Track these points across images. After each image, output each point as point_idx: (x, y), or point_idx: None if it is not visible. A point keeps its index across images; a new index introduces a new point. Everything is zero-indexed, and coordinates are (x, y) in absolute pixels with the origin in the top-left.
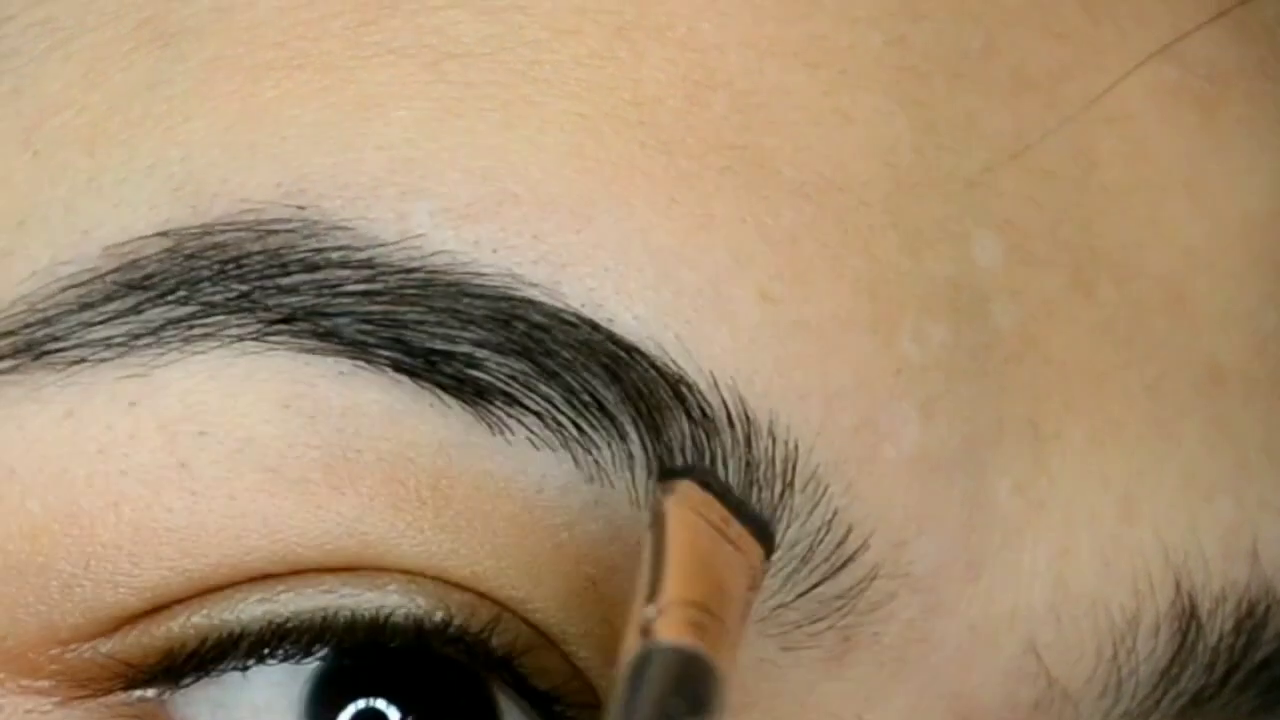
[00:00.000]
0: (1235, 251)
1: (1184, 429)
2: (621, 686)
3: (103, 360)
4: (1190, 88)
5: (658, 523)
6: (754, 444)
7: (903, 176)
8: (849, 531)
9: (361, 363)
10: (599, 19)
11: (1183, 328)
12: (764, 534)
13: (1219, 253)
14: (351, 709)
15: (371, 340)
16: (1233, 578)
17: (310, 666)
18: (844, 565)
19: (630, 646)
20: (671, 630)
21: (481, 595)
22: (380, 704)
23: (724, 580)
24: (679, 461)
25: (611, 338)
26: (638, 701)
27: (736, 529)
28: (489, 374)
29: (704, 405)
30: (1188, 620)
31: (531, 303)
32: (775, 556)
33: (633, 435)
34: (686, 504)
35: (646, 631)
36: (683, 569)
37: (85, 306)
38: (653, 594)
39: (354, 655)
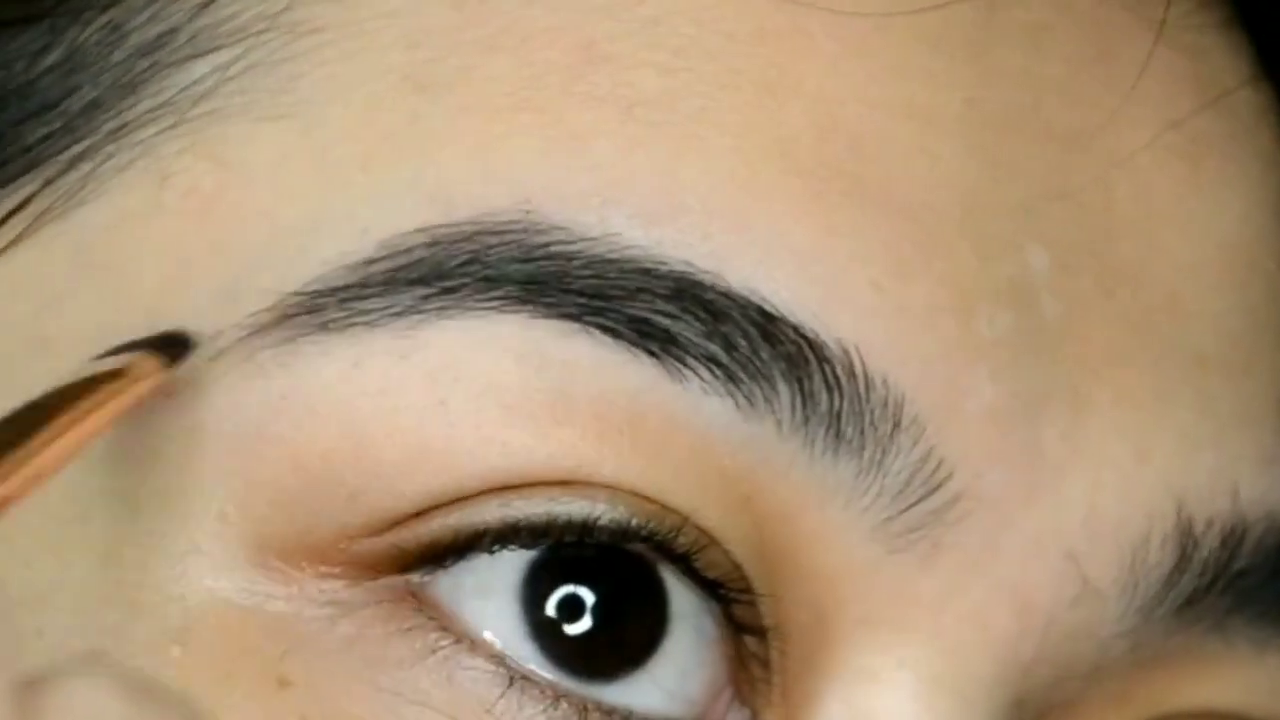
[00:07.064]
0: (1213, 268)
1: (1179, 398)
2: None
3: (380, 325)
4: (1181, 148)
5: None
6: (871, 394)
7: (974, 202)
8: (940, 463)
9: (576, 325)
10: (750, 78)
11: (1177, 322)
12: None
13: (1202, 268)
14: (560, 593)
15: (584, 309)
16: (1218, 508)
17: (528, 556)
18: (936, 489)
19: None
20: None
21: (665, 506)
22: (581, 590)
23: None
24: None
25: (763, 311)
26: None
27: (115, 363)
28: (671, 335)
29: (833, 364)
30: (1185, 538)
31: (703, 284)
32: (886, 482)
33: (781, 385)
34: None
35: None
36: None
37: (365, 285)
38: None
39: (565, 549)
